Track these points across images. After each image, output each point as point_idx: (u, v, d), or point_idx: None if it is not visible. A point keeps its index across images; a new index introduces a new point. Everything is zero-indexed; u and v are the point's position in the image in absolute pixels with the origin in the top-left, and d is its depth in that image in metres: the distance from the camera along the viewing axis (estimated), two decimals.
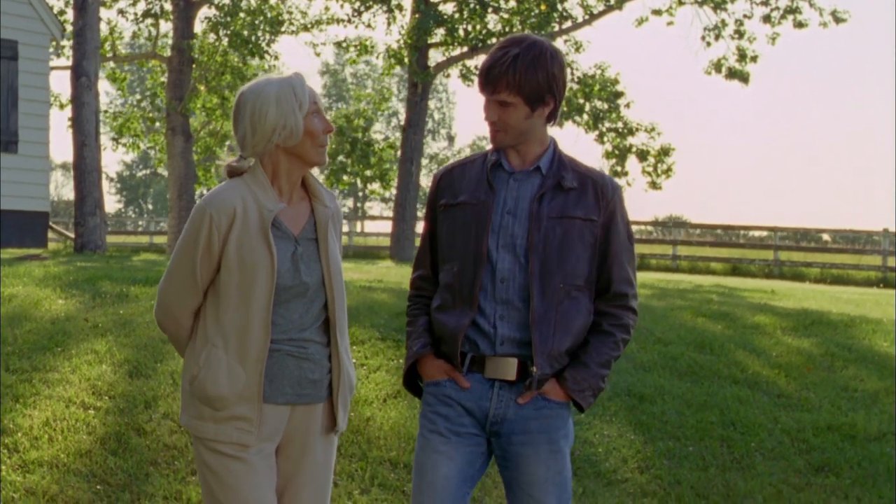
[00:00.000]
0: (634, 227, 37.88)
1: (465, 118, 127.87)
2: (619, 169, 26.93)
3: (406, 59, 24.09)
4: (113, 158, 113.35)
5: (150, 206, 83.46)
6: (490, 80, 3.64)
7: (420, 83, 23.95)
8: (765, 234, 36.26)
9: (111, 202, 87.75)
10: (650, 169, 26.69)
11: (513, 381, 3.68)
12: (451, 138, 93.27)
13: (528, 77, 3.60)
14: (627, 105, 26.48)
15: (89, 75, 18.92)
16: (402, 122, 24.14)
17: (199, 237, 3.58)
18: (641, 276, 22.07)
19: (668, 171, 26.72)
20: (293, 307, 3.62)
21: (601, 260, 3.77)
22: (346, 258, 21.37)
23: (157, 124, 27.69)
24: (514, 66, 3.59)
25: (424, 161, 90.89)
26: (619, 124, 26.50)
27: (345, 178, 30.11)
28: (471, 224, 3.73)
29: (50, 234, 23.42)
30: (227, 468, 3.60)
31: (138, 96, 29.82)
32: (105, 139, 31.81)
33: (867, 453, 6.93)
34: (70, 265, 12.51)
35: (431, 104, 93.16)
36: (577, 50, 25.97)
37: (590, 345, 3.75)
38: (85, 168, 18.82)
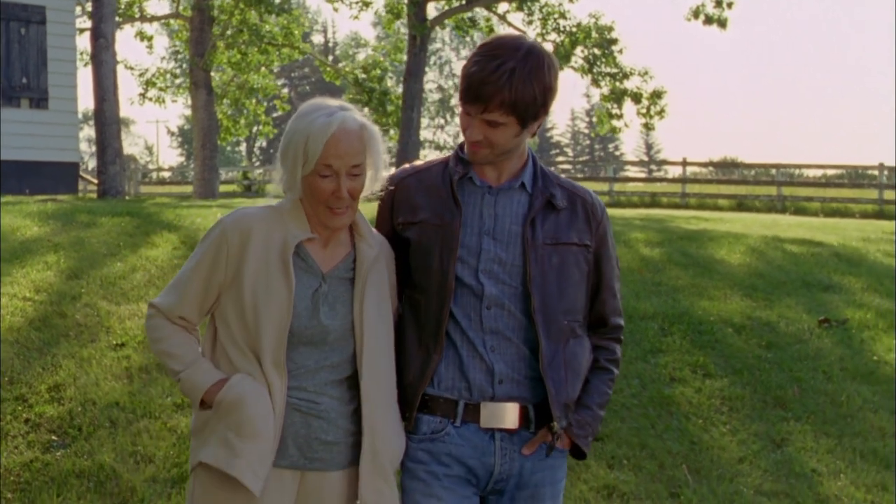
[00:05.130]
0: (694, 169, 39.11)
1: None
2: (615, 112, 28.60)
3: (404, 13, 25.98)
4: (174, 112, 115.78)
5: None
6: (482, 97, 3.19)
7: (419, 36, 25.78)
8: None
9: (173, 155, 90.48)
10: (644, 111, 28.28)
11: (514, 429, 3.35)
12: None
13: (524, 94, 3.15)
14: (620, 51, 28.09)
15: (107, 36, 20.79)
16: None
17: (206, 250, 3.33)
18: (645, 212, 23.79)
19: (661, 112, 28.28)
20: (306, 353, 3.27)
21: (594, 289, 3.48)
22: None
23: (180, 80, 29.88)
24: (510, 83, 3.14)
25: None
26: (614, 69, 28.12)
27: None
28: (433, 248, 3.33)
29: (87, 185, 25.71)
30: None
31: (164, 54, 31.91)
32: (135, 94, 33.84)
33: (626, 328, 8.74)
34: (66, 204, 14.66)
35: None
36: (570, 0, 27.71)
37: (590, 384, 3.46)
38: (105, 121, 20.66)
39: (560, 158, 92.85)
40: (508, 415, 3.32)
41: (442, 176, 3.40)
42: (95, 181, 26.06)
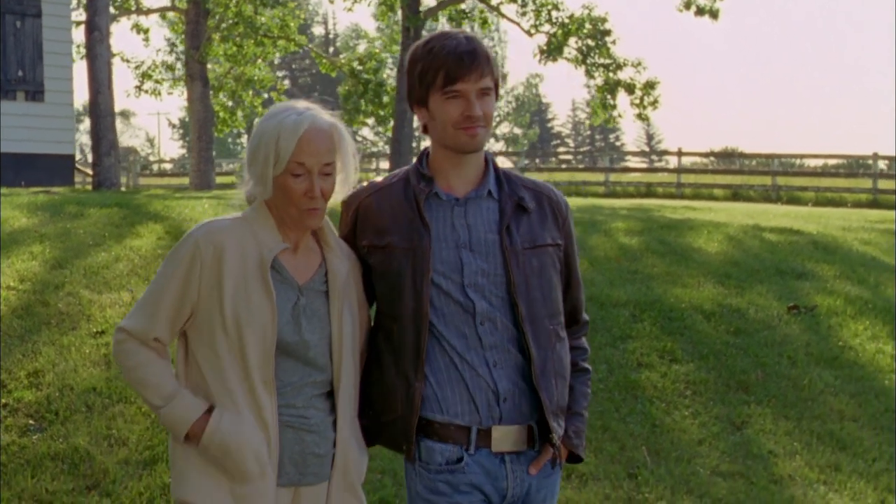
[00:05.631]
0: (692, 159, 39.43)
1: (515, 57, 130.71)
2: (609, 102, 28.73)
3: (398, 5, 26.16)
4: (175, 104, 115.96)
5: (215, 152, 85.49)
6: (476, 64, 3.20)
7: (412, 27, 25.93)
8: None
9: (175, 147, 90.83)
10: (637, 101, 28.42)
11: (521, 451, 3.32)
12: (503, 76, 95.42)
13: (493, 58, 3.29)
14: (614, 42, 28.23)
15: (101, 29, 20.95)
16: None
17: (178, 265, 3.21)
18: (638, 202, 23.91)
19: (654, 102, 28.42)
20: (291, 368, 3.21)
21: (565, 286, 3.43)
22: None
23: (177, 72, 30.10)
24: (485, 50, 3.25)
25: None
26: (608, 60, 28.26)
27: (360, 117, 31.98)
28: (404, 272, 3.26)
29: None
30: None
31: (161, 46, 32.14)
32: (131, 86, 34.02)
33: (598, 315, 8.92)
34: (57, 196, 14.85)
35: (485, 44, 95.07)
36: None
37: (576, 390, 3.45)
38: (99, 113, 20.80)
39: (561, 149, 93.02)
40: (517, 437, 3.28)
41: (405, 194, 3.33)
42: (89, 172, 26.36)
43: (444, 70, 3.21)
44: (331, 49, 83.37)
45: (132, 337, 3.26)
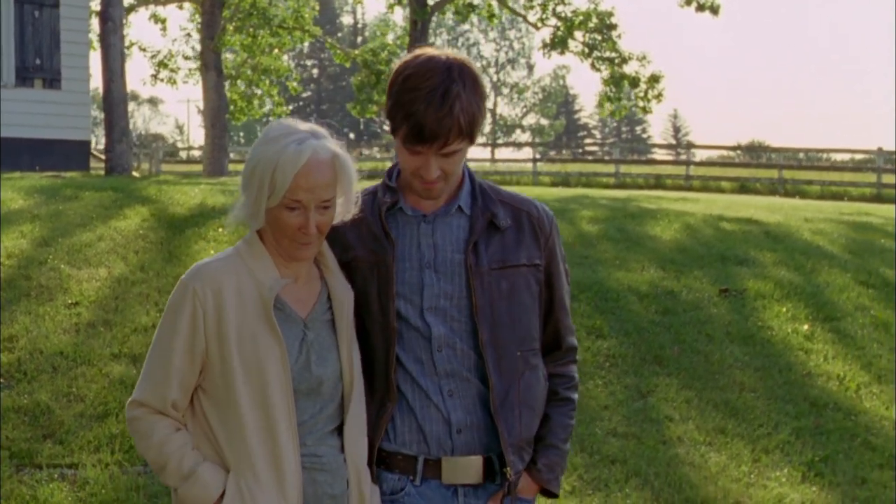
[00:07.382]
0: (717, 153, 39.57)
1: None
2: (613, 95, 29.33)
3: None
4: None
5: (243, 140, 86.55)
6: (440, 135, 2.94)
7: (420, 21, 26.63)
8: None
9: (203, 134, 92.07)
10: (641, 94, 29.02)
11: (478, 484, 3.14)
12: (530, 67, 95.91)
13: (475, 114, 2.99)
14: (619, 36, 28.83)
15: (115, 20, 21.71)
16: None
17: (179, 317, 3.00)
18: (654, 193, 24.47)
19: (658, 96, 29.01)
20: (302, 407, 3.01)
21: (546, 308, 3.21)
22: None
23: (190, 61, 31.02)
24: (461, 108, 2.94)
25: (506, 90, 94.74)
26: (613, 54, 28.86)
27: (372, 107, 32.72)
28: (370, 287, 3.11)
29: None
30: None
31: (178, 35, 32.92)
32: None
33: None
34: (60, 180, 15.66)
35: (511, 34, 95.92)
36: None
37: (552, 420, 3.22)
38: (113, 101, 21.57)
39: (588, 141, 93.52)
40: (471, 469, 3.11)
41: (371, 208, 3.14)
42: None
43: (408, 127, 2.97)
44: (359, 39, 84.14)
45: (148, 411, 3.06)
